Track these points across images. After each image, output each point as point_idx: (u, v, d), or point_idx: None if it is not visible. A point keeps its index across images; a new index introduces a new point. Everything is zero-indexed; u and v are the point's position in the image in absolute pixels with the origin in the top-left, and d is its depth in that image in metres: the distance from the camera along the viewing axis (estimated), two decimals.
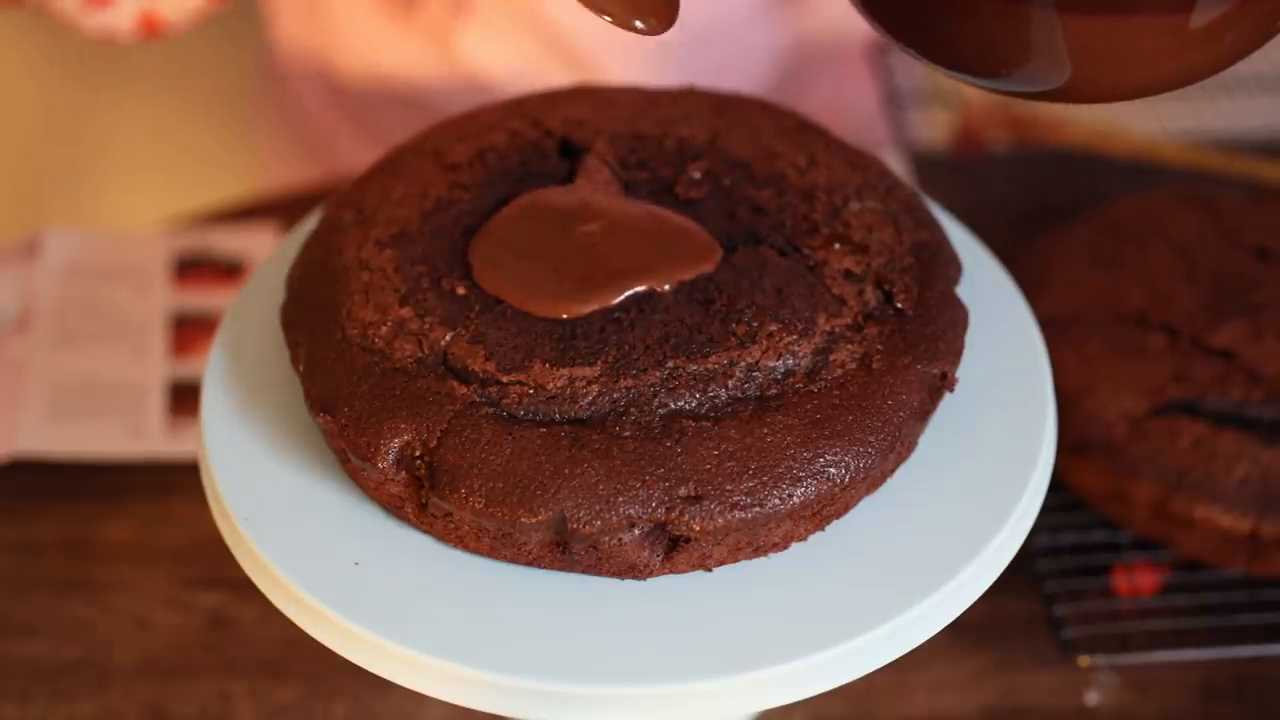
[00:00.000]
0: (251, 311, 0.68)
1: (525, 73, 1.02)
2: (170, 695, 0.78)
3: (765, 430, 0.59)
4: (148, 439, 0.88)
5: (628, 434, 0.58)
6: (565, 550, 0.59)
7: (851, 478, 0.59)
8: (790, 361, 0.60)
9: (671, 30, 0.60)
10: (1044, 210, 0.95)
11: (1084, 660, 0.77)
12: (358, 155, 1.07)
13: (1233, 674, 0.79)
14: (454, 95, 1.04)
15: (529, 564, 0.60)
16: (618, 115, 0.69)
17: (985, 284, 0.69)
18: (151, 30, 0.80)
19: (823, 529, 0.61)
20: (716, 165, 0.67)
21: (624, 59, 1.01)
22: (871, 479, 0.61)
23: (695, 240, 0.64)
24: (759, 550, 0.60)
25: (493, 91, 1.01)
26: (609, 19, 0.60)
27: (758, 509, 0.58)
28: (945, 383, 0.62)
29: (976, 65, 0.59)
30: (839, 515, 0.61)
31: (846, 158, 0.68)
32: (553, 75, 1.01)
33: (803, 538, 0.60)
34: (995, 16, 0.56)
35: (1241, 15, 0.56)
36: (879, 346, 0.61)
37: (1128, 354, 0.82)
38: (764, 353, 0.60)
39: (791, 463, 0.58)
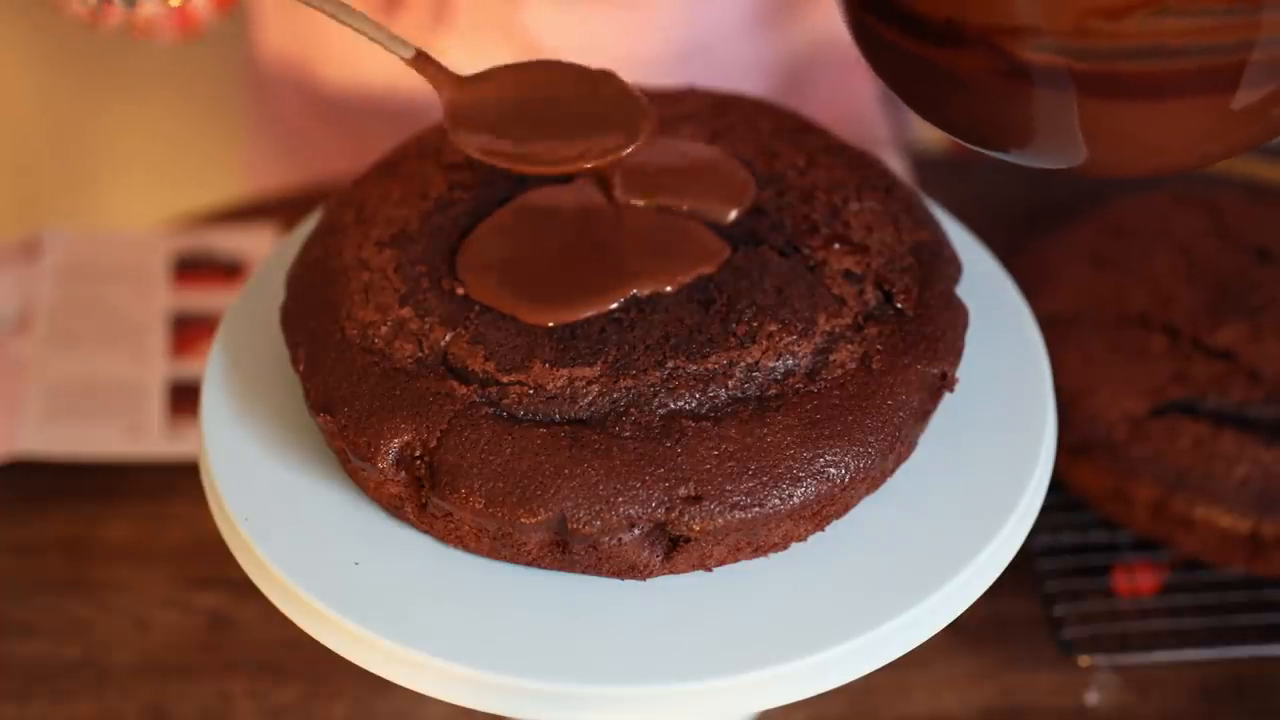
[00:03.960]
0: (251, 311, 0.68)
1: None
2: (170, 695, 0.78)
3: (765, 430, 0.59)
4: (148, 439, 0.88)
5: (628, 434, 0.58)
6: (565, 550, 0.59)
7: (851, 478, 0.59)
8: (790, 361, 0.60)
9: (658, 44, 0.61)
10: (1044, 210, 0.95)
11: (1084, 660, 0.77)
12: (341, 163, 1.06)
13: (1233, 674, 0.79)
14: (435, 105, 1.03)
15: (529, 564, 0.60)
16: None
17: (985, 284, 0.69)
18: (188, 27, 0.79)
19: (823, 529, 0.61)
20: None
21: None
22: (871, 479, 0.61)
23: (700, 240, 0.63)
24: (759, 550, 0.60)
25: None
26: None
27: (758, 509, 0.58)
28: (945, 383, 0.62)
29: (1001, 144, 0.59)
30: (839, 515, 0.61)
31: (846, 158, 0.68)
32: None
33: (803, 538, 0.60)
34: (1032, 106, 0.56)
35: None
36: (879, 346, 0.61)
37: (1128, 354, 0.82)
38: (764, 353, 0.60)
39: (791, 463, 0.58)
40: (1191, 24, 0.53)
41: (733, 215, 0.64)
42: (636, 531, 0.58)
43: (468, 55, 1.02)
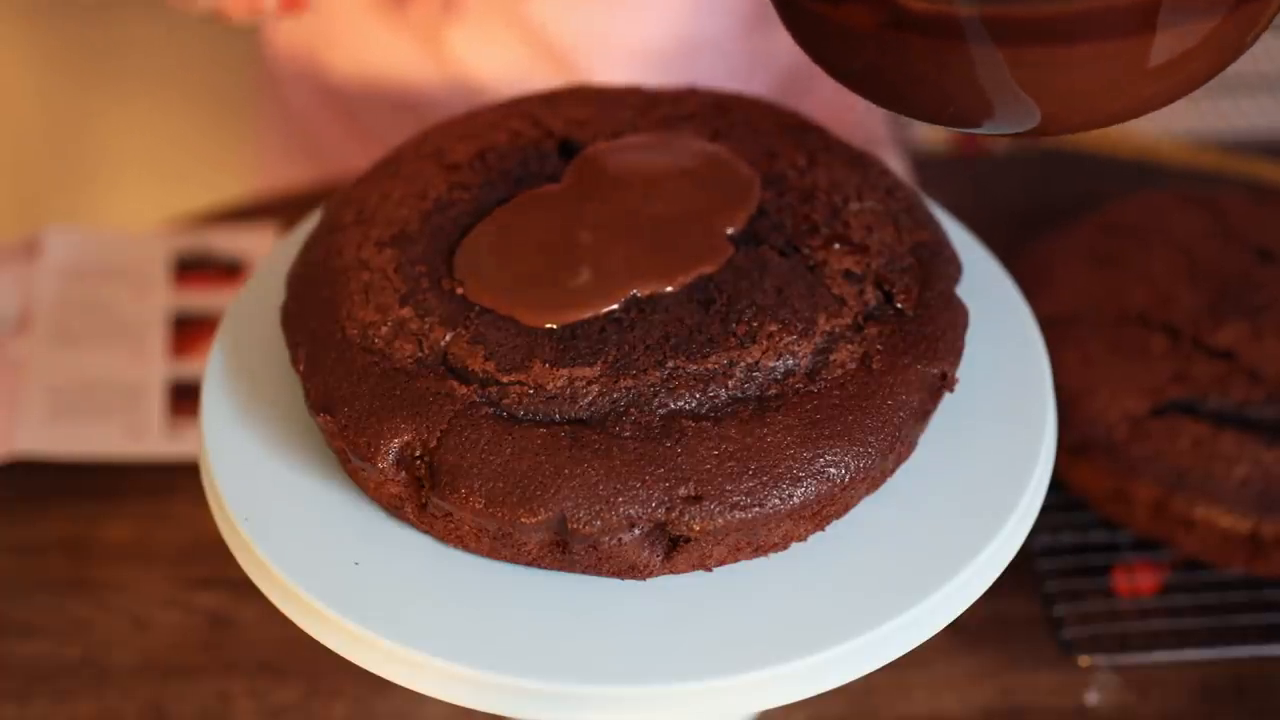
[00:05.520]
0: (251, 311, 0.68)
1: (513, 75, 1.02)
2: (170, 695, 0.78)
3: (765, 430, 0.59)
4: (148, 439, 0.88)
5: (628, 434, 0.58)
6: (565, 550, 0.59)
7: (851, 478, 0.59)
8: (790, 361, 0.60)
9: (660, 38, 0.60)
10: (1044, 210, 0.95)
11: (1084, 660, 0.78)
12: (351, 156, 1.07)
13: (1233, 674, 0.79)
14: (444, 96, 1.04)
15: (529, 564, 0.60)
16: (618, 116, 0.69)
17: (985, 284, 0.69)
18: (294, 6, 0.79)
19: (823, 529, 0.61)
20: None
21: (611, 64, 1.02)
22: (871, 479, 0.61)
23: (701, 239, 0.63)
24: (759, 550, 0.60)
25: (481, 93, 1.02)
26: None
27: (758, 509, 0.58)
28: (945, 383, 0.62)
29: (944, 115, 0.58)
30: (839, 515, 0.61)
31: (846, 158, 0.68)
32: (541, 78, 1.01)
33: (803, 538, 0.60)
34: (946, 63, 0.54)
35: (1204, 34, 0.54)
36: (879, 346, 0.61)
37: (1128, 354, 0.82)
38: (764, 353, 0.60)
39: (791, 463, 0.58)
40: None
41: (741, 222, 0.64)
42: (636, 531, 0.58)
43: (476, 45, 1.03)
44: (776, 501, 0.58)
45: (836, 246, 0.64)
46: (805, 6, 0.57)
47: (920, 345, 0.62)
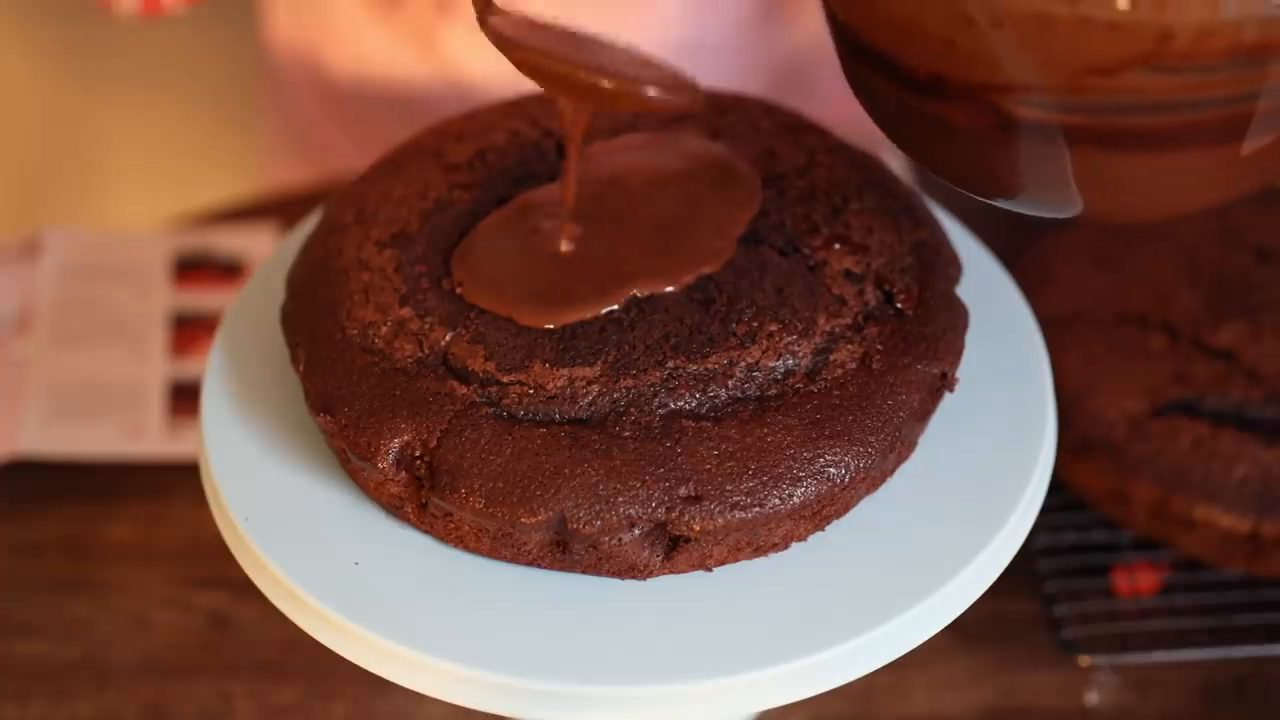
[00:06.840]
0: (251, 311, 0.68)
1: (508, 74, 1.02)
2: (170, 695, 0.78)
3: (765, 430, 0.59)
4: (148, 439, 0.88)
5: (628, 434, 0.58)
6: (565, 550, 0.59)
7: (851, 478, 0.59)
8: (790, 361, 0.60)
9: (659, 39, 0.60)
10: None
11: (1084, 660, 0.78)
12: (350, 155, 1.07)
13: (1233, 674, 0.79)
14: (441, 96, 1.04)
15: (529, 564, 0.60)
16: (618, 116, 0.69)
17: (985, 284, 0.69)
18: (151, 10, 0.80)
19: (823, 529, 0.61)
20: None
21: None
22: (871, 479, 0.61)
23: (702, 239, 0.63)
24: (759, 550, 0.60)
25: (478, 93, 1.01)
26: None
27: (758, 509, 0.58)
28: (945, 383, 0.62)
29: (997, 192, 0.59)
30: (839, 515, 0.61)
31: (846, 158, 0.68)
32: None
33: (803, 538, 0.60)
34: (1028, 162, 0.55)
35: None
36: (879, 346, 0.61)
37: (1128, 354, 0.82)
38: (764, 353, 0.60)
39: (791, 463, 0.58)
40: (1192, 80, 0.52)
41: (742, 223, 0.64)
42: (636, 531, 0.58)
43: (470, 45, 1.03)
44: (776, 501, 0.58)
45: (837, 246, 0.64)
46: (897, 98, 0.57)
47: (920, 345, 0.62)
